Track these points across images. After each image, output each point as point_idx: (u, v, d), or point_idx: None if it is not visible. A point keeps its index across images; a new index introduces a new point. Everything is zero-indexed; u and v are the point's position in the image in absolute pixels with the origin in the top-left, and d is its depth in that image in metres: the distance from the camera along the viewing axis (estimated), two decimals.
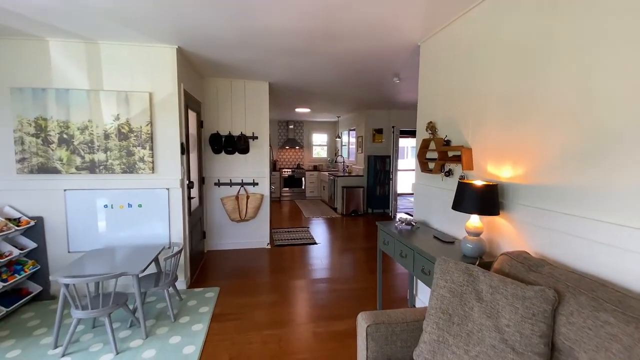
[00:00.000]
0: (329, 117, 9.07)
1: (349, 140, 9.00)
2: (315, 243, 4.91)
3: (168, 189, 3.19)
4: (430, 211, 2.74)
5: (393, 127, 6.70)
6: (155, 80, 3.09)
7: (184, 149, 3.28)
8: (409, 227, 2.64)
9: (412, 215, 6.89)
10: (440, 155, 2.47)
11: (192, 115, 3.86)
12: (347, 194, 7.08)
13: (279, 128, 9.86)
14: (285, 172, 9.23)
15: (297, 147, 9.92)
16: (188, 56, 3.39)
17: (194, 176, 3.98)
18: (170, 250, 3.25)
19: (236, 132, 4.48)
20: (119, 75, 3.03)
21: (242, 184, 4.54)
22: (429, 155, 2.75)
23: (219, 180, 4.49)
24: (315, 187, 9.52)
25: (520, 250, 1.64)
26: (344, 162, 8.82)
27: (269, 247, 4.70)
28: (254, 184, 4.58)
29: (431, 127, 2.62)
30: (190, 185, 3.44)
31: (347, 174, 7.74)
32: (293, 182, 9.30)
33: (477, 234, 1.92)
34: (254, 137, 4.54)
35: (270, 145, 5.97)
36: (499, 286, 1.36)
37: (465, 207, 1.88)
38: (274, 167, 9.56)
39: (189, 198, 3.49)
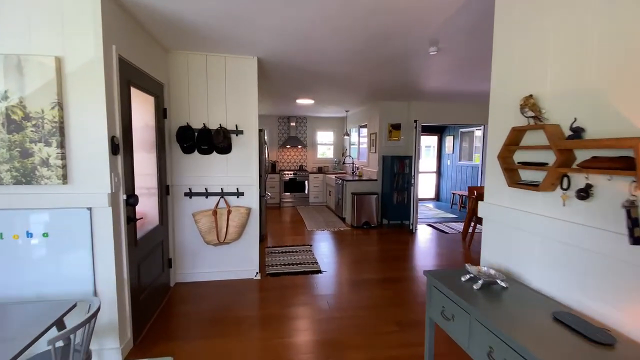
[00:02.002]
0: (336, 112, 7.90)
1: (358, 139, 7.82)
2: (320, 271, 3.74)
3: (90, 209, 2.04)
4: (522, 255, 1.56)
5: (415, 121, 5.51)
6: (66, 38, 1.95)
7: (117, 147, 2.14)
8: (486, 285, 1.47)
9: (433, 226, 5.64)
10: (562, 158, 1.29)
11: (145, 100, 2.73)
12: (357, 202, 5.90)
13: (279, 125, 8.72)
14: (286, 174, 8.08)
15: (299, 147, 8.77)
16: (126, 5, 2.25)
17: (150, 184, 2.84)
18: (86, 309, 2.09)
19: (213, 125, 3.33)
20: (7, 29, 1.90)
21: (222, 195, 3.39)
22: (522, 156, 1.56)
23: (190, 189, 3.35)
24: (320, 192, 8.36)
25: None
26: (353, 163, 7.65)
27: (258, 277, 3.54)
28: (238, 194, 3.43)
29: (531, 105, 1.44)
30: (132, 201, 2.29)
31: (357, 178, 6.57)
32: (295, 186, 8.15)
33: None
34: (238, 132, 3.39)
35: (265, 143, 4.83)
36: None
37: None
38: (273, 168, 8.42)
39: (132, 219, 2.34)
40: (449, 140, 9.03)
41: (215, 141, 3.25)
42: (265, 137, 8.72)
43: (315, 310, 2.86)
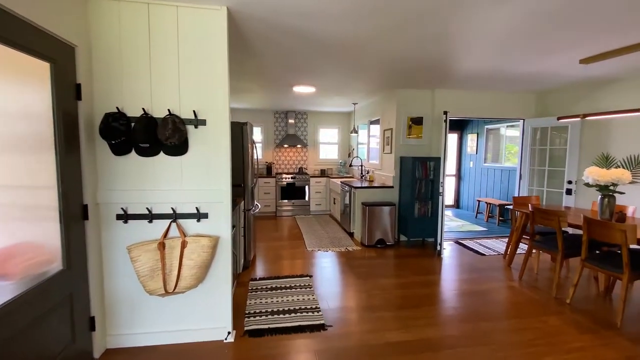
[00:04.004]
0: (342, 106, 6.74)
1: (368, 137, 6.65)
2: (324, 327, 2.58)
3: None
4: None
5: (445, 113, 4.32)
6: None
7: None
8: None
9: (462, 244, 4.03)
10: None
11: (33, 65, 1.58)
12: (369, 215, 4.73)
13: (275, 121, 7.58)
14: (283, 178, 6.93)
15: (299, 146, 7.63)
16: None
17: (45, 202, 1.70)
18: None
19: (160, 111, 2.19)
20: None
21: (175, 217, 2.25)
22: None
23: (125, 209, 2.20)
24: (322, 199, 7.20)
25: None
26: (362, 165, 6.49)
27: (230, 339, 2.39)
28: (200, 215, 2.28)
29: None
30: None
31: (367, 184, 5.40)
32: (293, 191, 7.00)
33: None
34: (199, 122, 2.24)
35: (254, 142, 3.66)
36: None
37: None
38: (268, 171, 7.28)
39: None
40: (471, 139, 7.84)
41: (162, 136, 2.10)
42: (260, 135, 7.58)
43: None
